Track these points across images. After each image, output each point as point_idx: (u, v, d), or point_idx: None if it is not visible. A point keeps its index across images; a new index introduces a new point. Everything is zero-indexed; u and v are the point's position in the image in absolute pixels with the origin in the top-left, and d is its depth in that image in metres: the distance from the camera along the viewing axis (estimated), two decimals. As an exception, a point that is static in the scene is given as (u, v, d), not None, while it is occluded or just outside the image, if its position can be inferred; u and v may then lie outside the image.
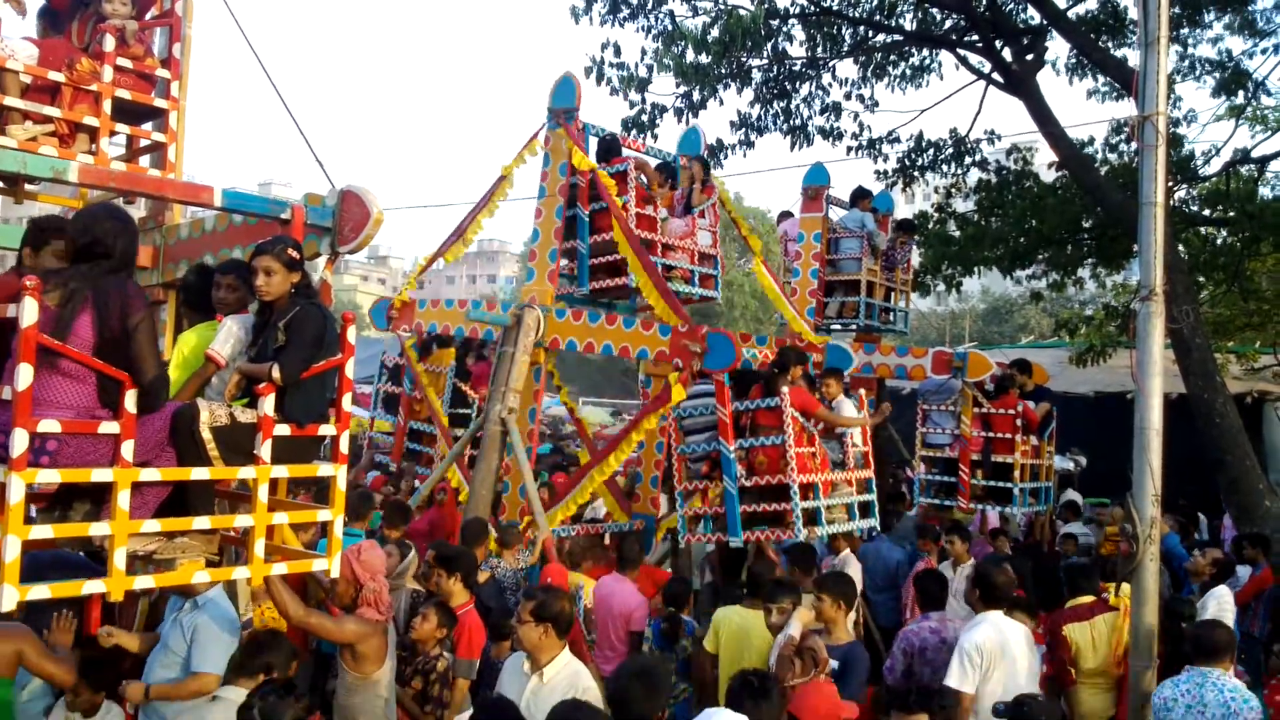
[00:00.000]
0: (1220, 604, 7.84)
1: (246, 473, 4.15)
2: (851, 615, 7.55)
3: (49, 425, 3.58)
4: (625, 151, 9.36)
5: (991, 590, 6.03)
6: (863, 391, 9.50)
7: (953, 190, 15.97)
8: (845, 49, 14.25)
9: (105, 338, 3.73)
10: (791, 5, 13.46)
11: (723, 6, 12.71)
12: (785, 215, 13.08)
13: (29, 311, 3.49)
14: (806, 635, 5.70)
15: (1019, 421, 10.29)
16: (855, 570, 8.29)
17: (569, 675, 4.86)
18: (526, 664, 4.93)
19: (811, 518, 7.81)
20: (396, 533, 7.97)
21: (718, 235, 9.77)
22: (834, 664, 5.58)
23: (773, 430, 7.80)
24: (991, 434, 10.40)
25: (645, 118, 13.12)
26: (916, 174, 15.56)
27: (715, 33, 12.14)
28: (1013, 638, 5.85)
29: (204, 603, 5.37)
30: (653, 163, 9.69)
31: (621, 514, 9.71)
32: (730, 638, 6.55)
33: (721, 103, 13.27)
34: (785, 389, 7.80)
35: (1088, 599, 6.64)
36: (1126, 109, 14.80)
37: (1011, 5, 13.75)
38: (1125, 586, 6.47)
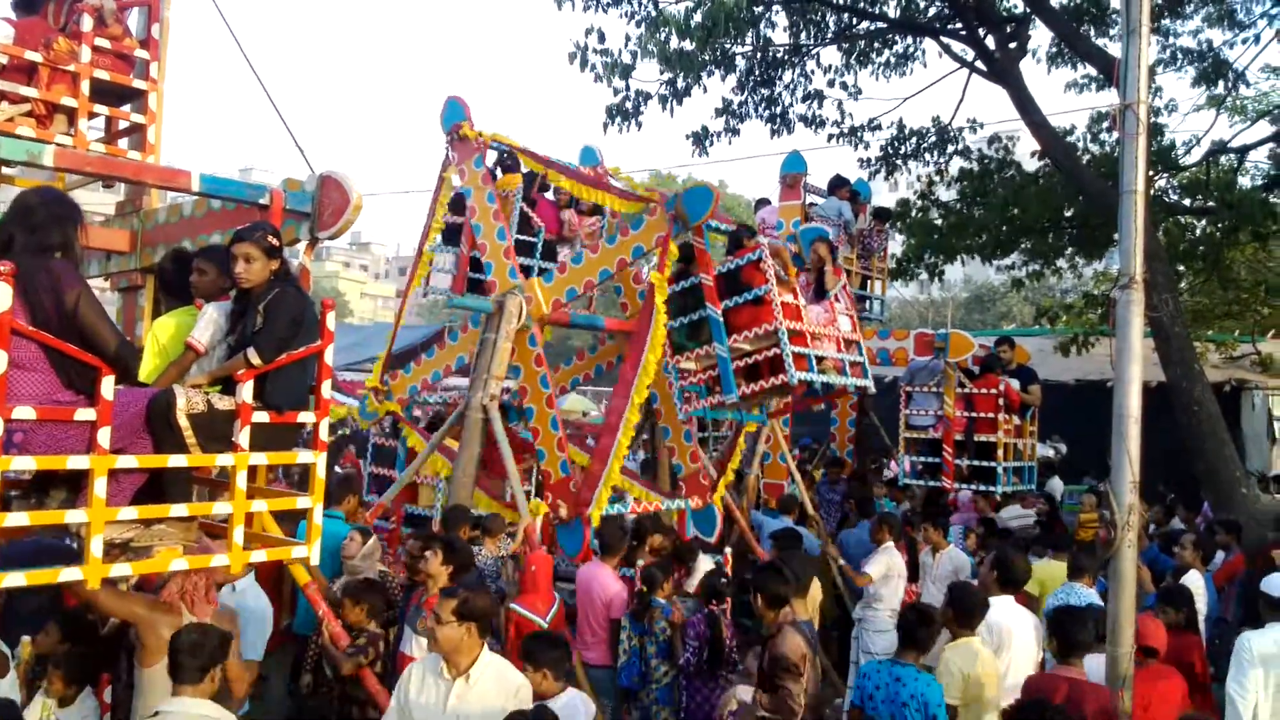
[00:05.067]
0: (1193, 589, 7.87)
1: (225, 460, 4.12)
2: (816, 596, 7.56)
3: (24, 412, 3.54)
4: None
5: (1010, 575, 6.17)
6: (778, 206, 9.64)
7: (935, 179, 16.00)
8: (829, 36, 14.24)
9: (40, 320, 3.65)
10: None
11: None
12: (763, 203, 13.10)
13: (2, 297, 3.45)
14: (778, 634, 5.32)
15: (1001, 401, 10.35)
16: (895, 559, 8.30)
17: (496, 674, 4.59)
18: (445, 667, 4.55)
19: (803, 362, 7.94)
20: (344, 507, 8.04)
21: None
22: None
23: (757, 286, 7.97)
24: (974, 414, 10.45)
25: (629, 105, 13.08)
26: (899, 162, 15.58)
27: (699, 18, 12.10)
28: (1021, 623, 6.05)
29: (241, 589, 5.36)
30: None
31: (649, 495, 9.41)
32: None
33: (705, 90, 13.24)
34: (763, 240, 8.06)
35: None
36: (1107, 99, 14.87)
37: (995, -7, 13.76)
38: None
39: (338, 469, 12.42)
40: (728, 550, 8.34)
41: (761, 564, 6.40)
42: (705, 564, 7.77)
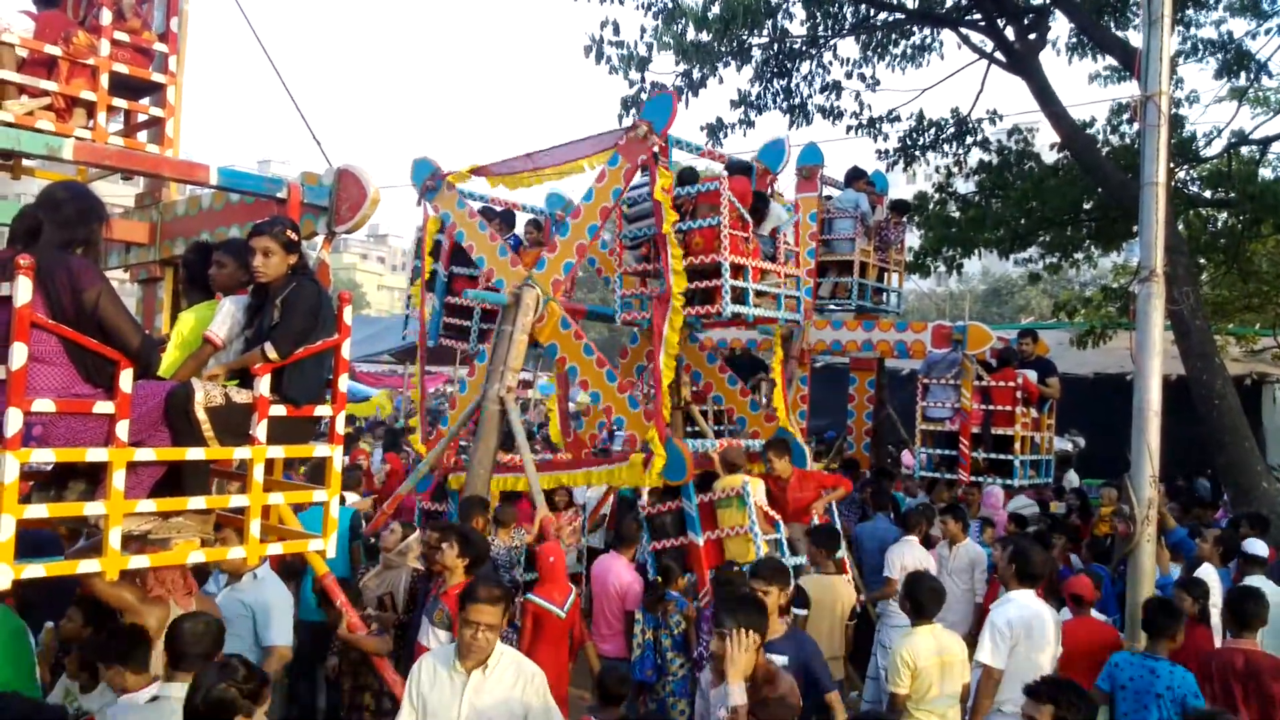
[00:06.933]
0: (1209, 582, 7.83)
1: (242, 453, 4.14)
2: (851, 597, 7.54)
3: (44, 405, 3.56)
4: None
5: (1027, 568, 6.12)
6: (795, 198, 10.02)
7: (953, 171, 15.90)
8: (846, 27, 14.16)
9: (58, 315, 3.66)
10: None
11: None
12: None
13: (23, 291, 3.47)
14: (767, 685, 4.44)
15: (1019, 394, 10.29)
16: (916, 552, 8.25)
17: (513, 664, 4.51)
18: (459, 661, 4.43)
19: (739, 298, 8.23)
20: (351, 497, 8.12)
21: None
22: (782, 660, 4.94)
23: (711, 212, 8.21)
24: (992, 407, 10.39)
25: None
26: (917, 154, 15.50)
27: (716, 10, 12.05)
28: (1040, 618, 5.94)
29: (262, 577, 5.39)
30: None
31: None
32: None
33: (721, 81, 13.20)
34: (725, 175, 8.28)
35: None
36: (1128, 91, 14.73)
37: (1014, -16, 13.65)
38: None
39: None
40: None
41: (740, 597, 5.04)
42: None
